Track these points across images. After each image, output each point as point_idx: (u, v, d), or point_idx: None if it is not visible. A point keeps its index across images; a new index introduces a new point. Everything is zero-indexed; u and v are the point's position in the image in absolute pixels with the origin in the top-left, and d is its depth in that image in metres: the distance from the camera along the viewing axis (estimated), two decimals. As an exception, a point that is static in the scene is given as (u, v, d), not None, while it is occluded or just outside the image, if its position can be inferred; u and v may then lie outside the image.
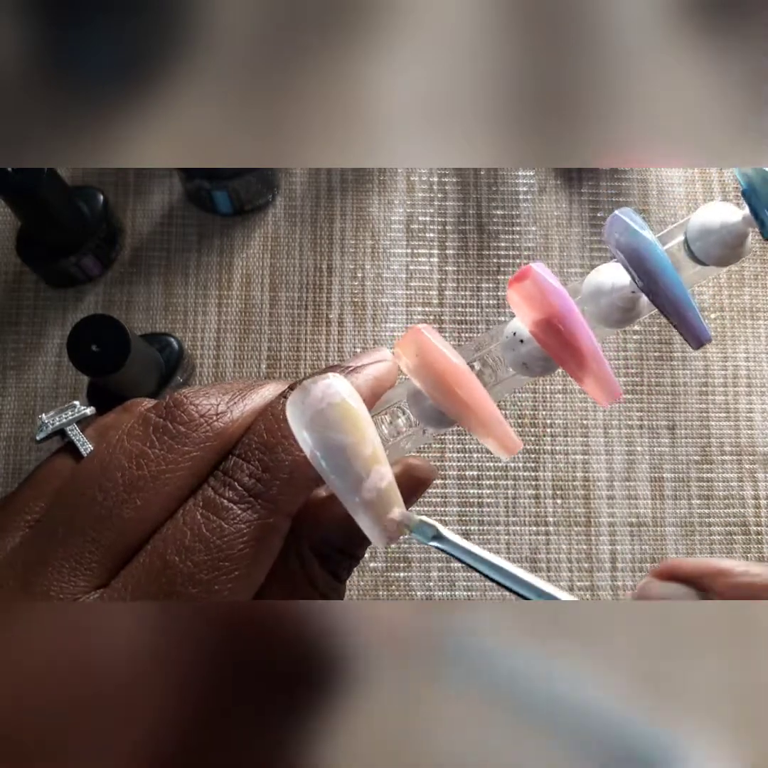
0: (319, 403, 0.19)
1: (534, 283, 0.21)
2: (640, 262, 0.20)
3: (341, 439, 0.19)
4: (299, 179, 0.50)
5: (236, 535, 0.19)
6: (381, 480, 0.19)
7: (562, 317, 0.21)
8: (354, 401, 0.20)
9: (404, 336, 0.22)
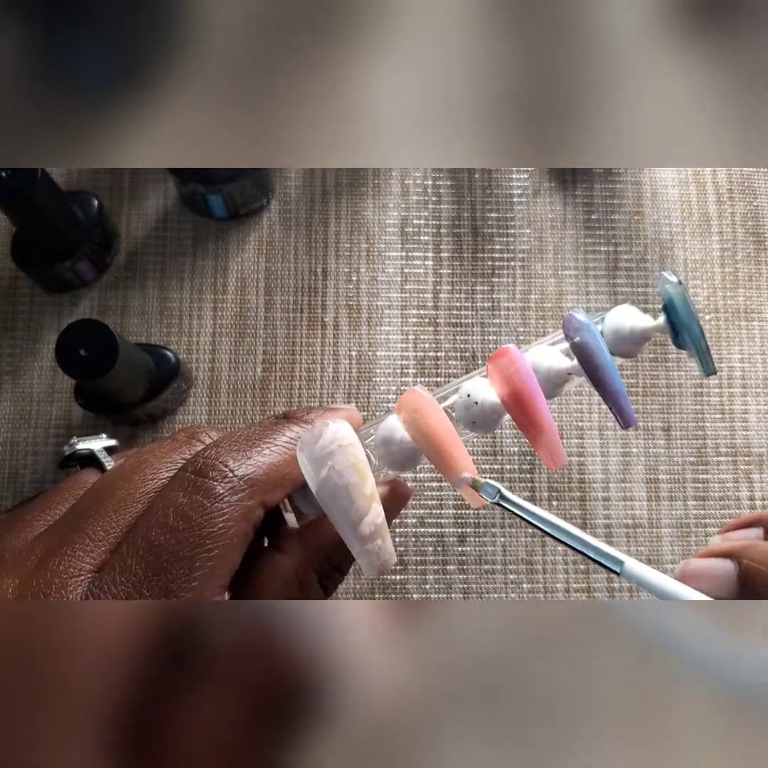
0: (331, 444, 0.22)
1: (511, 361, 0.25)
2: (591, 356, 0.25)
3: (346, 479, 0.22)
4: (294, 183, 0.50)
5: (217, 513, 0.20)
6: (377, 517, 0.22)
7: (530, 393, 0.24)
8: (358, 446, 0.22)
9: (405, 394, 0.25)
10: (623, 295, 0.49)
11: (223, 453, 0.22)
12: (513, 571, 0.45)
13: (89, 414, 0.45)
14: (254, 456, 0.22)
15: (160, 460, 0.23)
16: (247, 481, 0.21)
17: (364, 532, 0.22)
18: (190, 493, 0.21)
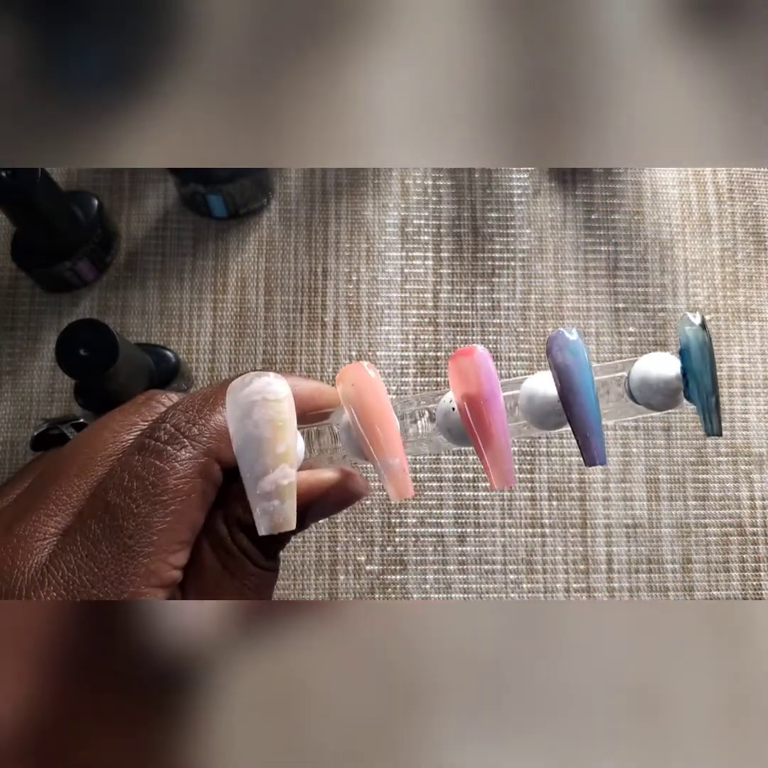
0: (255, 395, 0.21)
1: (472, 362, 0.23)
2: (570, 379, 0.22)
3: (260, 432, 0.21)
4: (294, 183, 0.50)
5: (170, 472, 0.21)
6: (284, 478, 0.21)
7: (485, 398, 0.23)
8: (286, 405, 0.22)
9: (348, 366, 0.24)
10: (623, 295, 0.49)
11: (177, 414, 0.22)
12: (513, 571, 0.45)
13: (89, 414, 0.45)
14: (206, 415, 0.22)
15: (120, 423, 0.23)
16: (198, 441, 0.22)
17: (263, 488, 0.21)
18: (144, 455, 0.21)
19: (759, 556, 0.46)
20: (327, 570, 0.45)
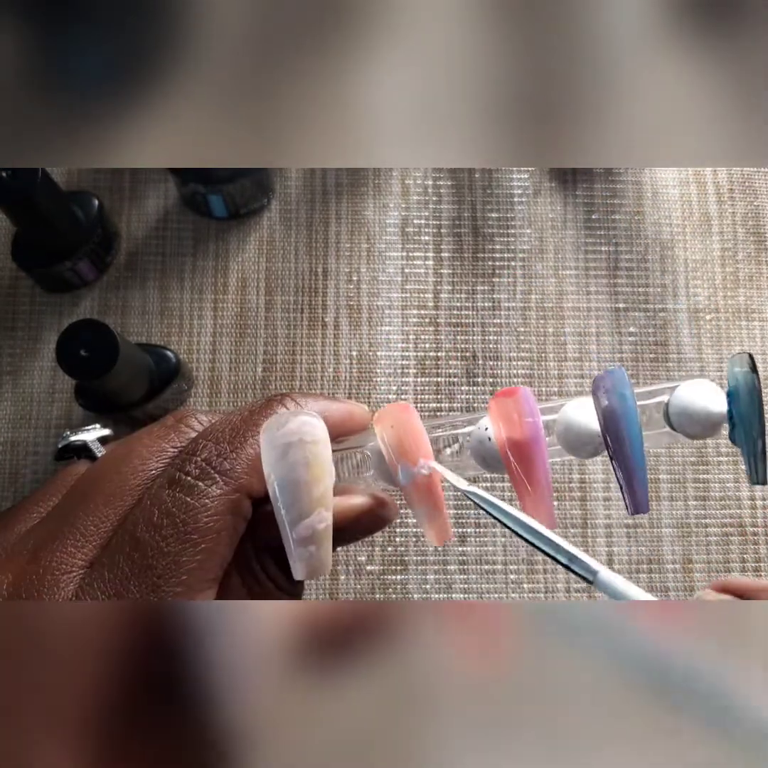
0: (292, 435, 0.21)
1: (516, 402, 0.22)
2: (616, 426, 0.22)
3: (297, 475, 0.21)
4: (294, 183, 0.50)
5: (201, 510, 0.20)
6: (320, 523, 0.21)
7: (529, 444, 0.22)
8: (323, 447, 0.21)
9: (387, 407, 0.23)
10: (624, 295, 0.49)
11: (208, 447, 0.22)
12: (513, 571, 0.45)
13: (90, 414, 0.45)
14: (238, 448, 0.22)
15: (149, 449, 0.23)
16: (230, 476, 0.21)
17: (300, 533, 0.21)
18: (174, 490, 0.21)
19: (759, 556, 0.46)
20: (327, 570, 0.45)
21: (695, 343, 0.49)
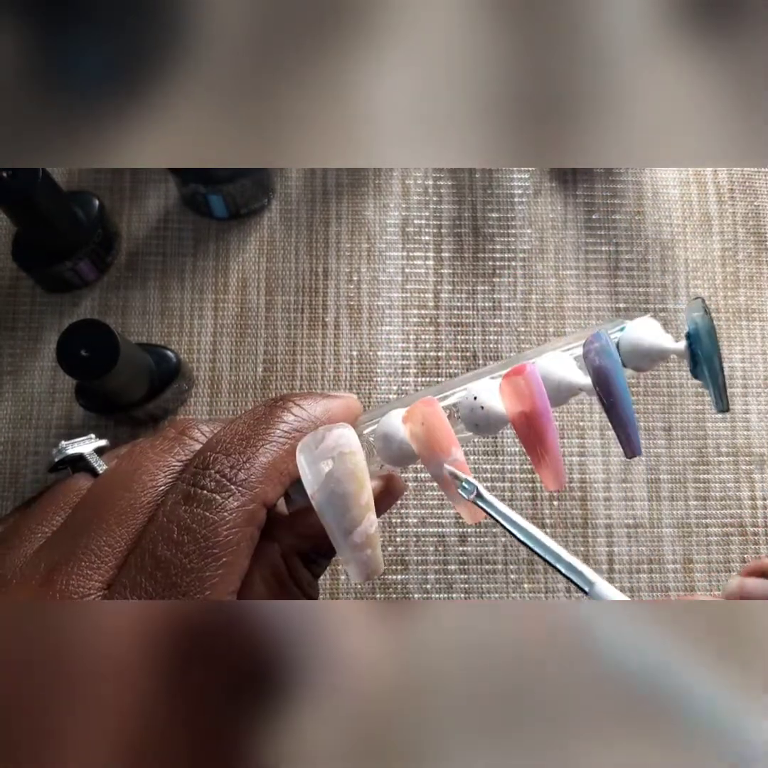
0: (332, 450, 0.22)
1: (526, 380, 0.24)
2: (608, 381, 0.24)
3: (344, 488, 0.22)
4: (294, 183, 0.50)
5: (221, 523, 0.20)
6: (370, 526, 0.22)
7: (540, 414, 0.24)
8: (361, 455, 0.22)
9: (416, 404, 0.24)
10: (624, 295, 0.49)
11: (221, 459, 0.21)
12: (514, 571, 0.45)
13: (90, 414, 0.45)
14: (251, 458, 0.22)
15: (156, 464, 0.22)
16: (246, 486, 0.21)
17: (355, 541, 0.22)
18: (191, 506, 0.21)
19: (760, 556, 0.46)
20: (328, 570, 0.45)
21: (696, 343, 0.49)
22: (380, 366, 0.48)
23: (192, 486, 0.21)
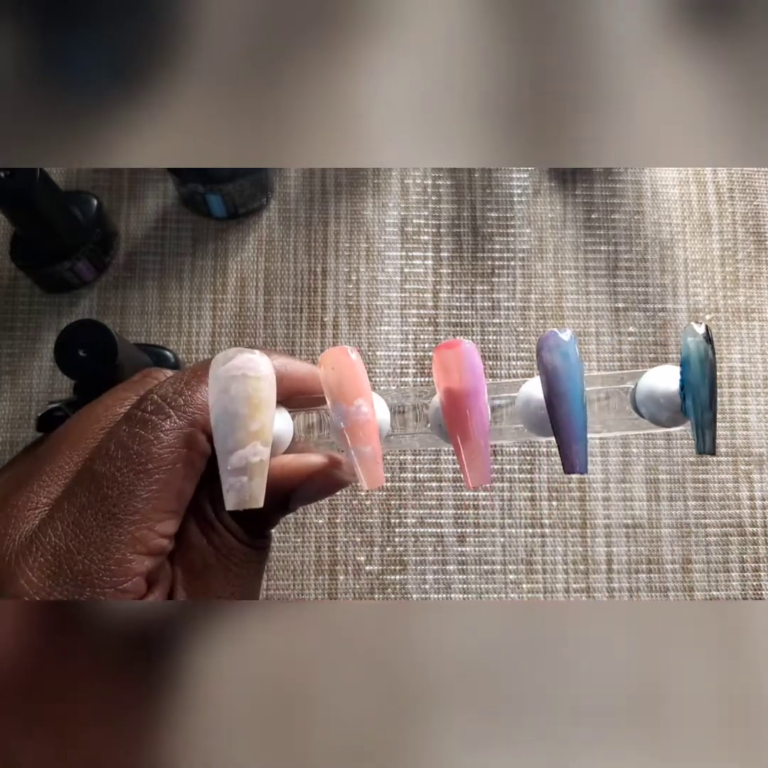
0: (236, 370, 0.21)
1: (456, 354, 0.22)
2: (555, 380, 0.22)
3: (236, 408, 0.21)
4: (293, 183, 0.50)
5: (154, 441, 0.21)
6: (254, 456, 0.21)
7: (466, 394, 0.22)
8: (265, 383, 0.22)
9: (330, 350, 0.23)
10: (623, 295, 0.49)
11: (165, 386, 0.22)
12: (513, 571, 0.45)
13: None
14: (194, 387, 0.22)
15: (113, 398, 0.24)
16: (184, 411, 0.22)
17: (233, 463, 0.21)
18: (130, 425, 0.21)
19: (759, 556, 0.46)
20: (327, 570, 0.45)
21: (695, 343, 0.49)
22: (379, 366, 0.47)
23: (135, 408, 0.22)
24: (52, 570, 0.20)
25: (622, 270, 0.50)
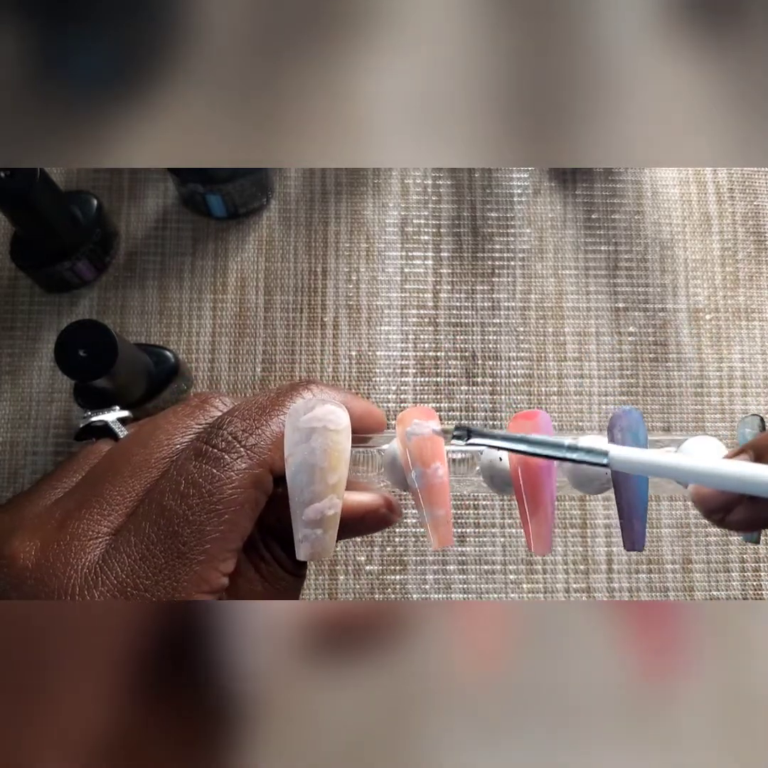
0: (318, 422, 0.22)
1: (534, 426, 0.23)
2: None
3: (316, 460, 0.21)
4: (293, 183, 0.50)
5: (226, 481, 0.21)
6: (329, 509, 0.22)
7: (541, 468, 0.23)
8: (344, 436, 0.22)
9: (411, 409, 0.24)
10: (623, 295, 0.49)
11: (235, 422, 0.22)
12: (513, 571, 0.45)
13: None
14: (263, 425, 0.22)
15: (174, 426, 0.24)
16: (255, 451, 0.22)
17: (309, 515, 0.21)
18: (201, 462, 0.21)
19: (759, 556, 0.46)
20: (327, 570, 0.45)
21: (695, 343, 0.49)
22: (379, 366, 0.47)
23: (204, 443, 0.22)
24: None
25: (622, 270, 0.50)
